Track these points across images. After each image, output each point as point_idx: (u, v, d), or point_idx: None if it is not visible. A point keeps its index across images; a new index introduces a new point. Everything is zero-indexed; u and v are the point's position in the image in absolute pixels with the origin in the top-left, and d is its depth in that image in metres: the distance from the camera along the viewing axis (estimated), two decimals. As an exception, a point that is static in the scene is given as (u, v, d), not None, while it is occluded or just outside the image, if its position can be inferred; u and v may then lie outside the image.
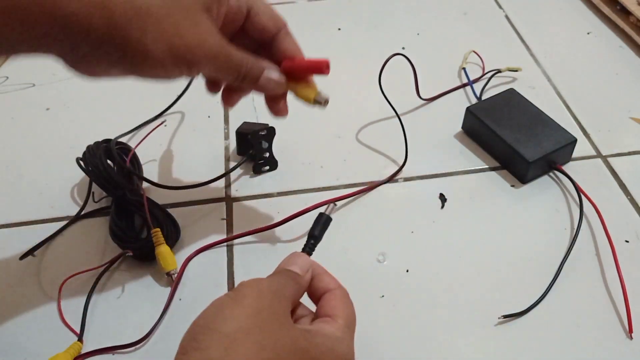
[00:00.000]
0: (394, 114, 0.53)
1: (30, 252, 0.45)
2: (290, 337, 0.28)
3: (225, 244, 0.46)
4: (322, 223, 0.37)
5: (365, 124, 0.57)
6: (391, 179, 0.51)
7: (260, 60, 0.37)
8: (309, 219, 0.38)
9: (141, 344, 0.40)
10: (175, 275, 0.43)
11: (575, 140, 0.50)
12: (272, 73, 0.38)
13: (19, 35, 0.29)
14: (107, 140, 0.49)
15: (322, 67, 0.38)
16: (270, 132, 0.51)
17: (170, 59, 0.32)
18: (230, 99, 0.42)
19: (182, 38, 0.32)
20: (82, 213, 0.48)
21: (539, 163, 0.49)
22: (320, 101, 0.39)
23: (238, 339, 0.26)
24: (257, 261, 0.45)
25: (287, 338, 0.28)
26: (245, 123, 0.53)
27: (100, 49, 0.30)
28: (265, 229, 0.46)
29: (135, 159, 0.51)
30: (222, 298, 0.29)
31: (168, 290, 0.43)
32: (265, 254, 0.45)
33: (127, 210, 0.46)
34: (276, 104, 0.41)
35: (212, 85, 0.41)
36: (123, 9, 0.30)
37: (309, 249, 0.36)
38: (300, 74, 0.39)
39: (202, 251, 0.45)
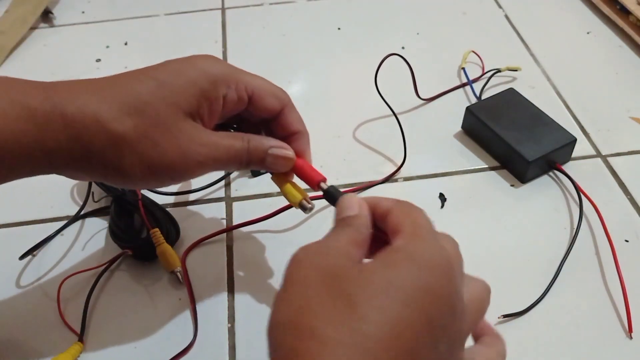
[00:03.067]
0: (402, 117, 0.53)
1: (30, 251, 0.45)
2: (352, 284, 0.24)
3: (224, 234, 0.46)
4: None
5: (365, 124, 0.57)
6: (389, 178, 0.51)
7: (262, 141, 0.36)
8: (304, 215, 0.38)
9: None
10: (180, 272, 0.43)
11: (575, 139, 0.50)
12: (278, 150, 0.36)
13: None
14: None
15: (313, 184, 0.37)
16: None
17: (153, 177, 0.32)
18: None
19: (161, 157, 0.32)
20: (82, 213, 0.48)
21: (539, 162, 0.49)
22: (305, 207, 0.37)
23: (317, 331, 0.22)
24: (256, 254, 0.45)
25: (351, 292, 0.23)
26: None
27: (83, 174, 0.33)
28: (262, 219, 0.46)
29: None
30: (278, 292, 0.26)
31: (168, 290, 0.43)
32: (265, 241, 0.45)
33: (127, 210, 0.46)
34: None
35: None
36: (98, 139, 0.30)
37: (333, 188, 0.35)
38: (294, 173, 0.38)
39: (198, 244, 0.46)
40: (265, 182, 0.51)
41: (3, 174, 0.31)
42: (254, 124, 0.38)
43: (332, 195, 0.35)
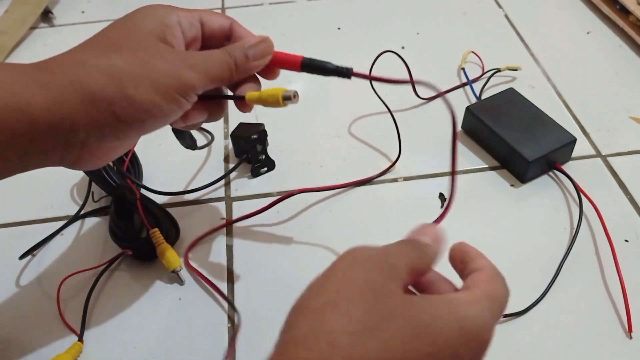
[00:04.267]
0: (399, 115, 0.53)
1: (30, 251, 0.45)
2: (389, 305, 0.24)
3: (224, 229, 0.46)
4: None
5: (365, 124, 0.57)
6: (384, 173, 0.51)
7: (237, 42, 0.37)
8: (301, 201, 0.38)
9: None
10: (181, 271, 0.43)
11: (575, 139, 0.50)
12: (254, 39, 0.37)
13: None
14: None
15: (297, 63, 0.37)
16: (262, 135, 0.51)
17: (159, 96, 0.32)
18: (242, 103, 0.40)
19: (157, 72, 0.32)
20: (82, 213, 0.48)
21: (539, 162, 0.49)
22: (289, 96, 0.36)
23: (324, 313, 0.24)
24: (257, 253, 0.45)
25: (384, 306, 0.24)
26: (240, 124, 0.53)
27: (94, 129, 0.31)
28: (260, 211, 0.46)
29: (134, 159, 0.51)
30: (318, 275, 0.27)
31: (168, 289, 0.43)
32: (264, 237, 0.45)
33: (127, 210, 0.46)
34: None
35: (240, 106, 0.39)
36: (96, 79, 0.31)
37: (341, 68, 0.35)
38: (273, 66, 0.38)
39: (198, 242, 0.46)
40: (264, 182, 0.51)
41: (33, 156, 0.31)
42: None
43: (318, 66, 0.35)
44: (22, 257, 0.45)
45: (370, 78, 0.37)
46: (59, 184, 0.51)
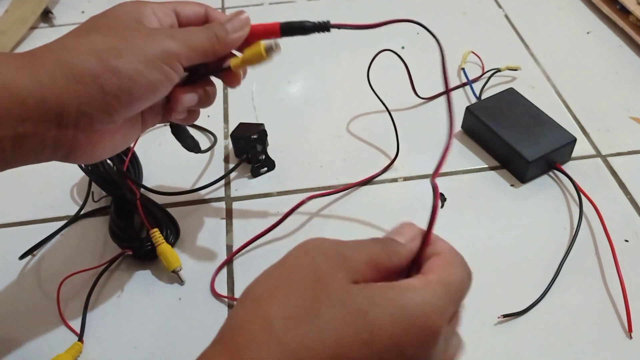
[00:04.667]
0: (396, 114, 0.53)
1: (30, 251, 0.45)
2: (328, 292, 0.24)
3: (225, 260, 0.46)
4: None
5: (365, 124, 0.57)
6: (384, 171, 0.51)
7: (211, 23, 0.37)
8: (305, 214, 0.38)
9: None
10: (181, 271, 0.43)
11: (575, 139, 0.50)
12: (232, 14, 0.37)
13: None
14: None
15: (275, 30, 0.37)
16: (262, 135, 0.51)
17: (142, 64, 0.32)
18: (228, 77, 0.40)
19: (140, 43, 0.33)
20: (82, 213, 0.48)
21: (539, 162, 0.49)
22: (271, 47, 0.36)
23: (262, 300, 0.24)
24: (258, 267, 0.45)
25: (323, 292, 0.24)
26: (240, 124, 0.53)
27: (82, 105, 0.31)
28: (265, 233, 0.46)
29: (134, 158, 0.51)
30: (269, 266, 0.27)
31: (169, 289, 0.43)
32: (266, 253, 0.45)
33: (127, 210, 0.46)
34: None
35: (228, 79, 0.39)
36: (78, 56, 0.31)
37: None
38: (252, 39, 0.38)
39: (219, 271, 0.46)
40: (265, 182, 0.51)
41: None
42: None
43: (297, 27, 0.36)
44: (22, 257, 0.45)
45: (349, 27, 0.37)
46: (59, 184, 0.51)
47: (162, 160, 0.53)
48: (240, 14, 0.37)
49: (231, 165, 0.52)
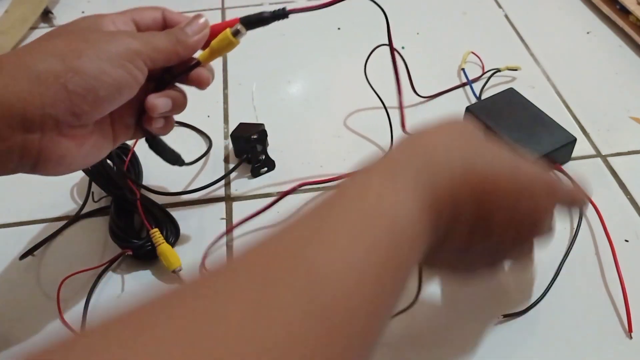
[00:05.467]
0: (395, 113, 0.53)
1: (30, 251, 0.45)
2: (478, 138, 0.31)
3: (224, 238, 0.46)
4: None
5: (366, 124, 0.57)
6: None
7: (173, 29, 0.37)
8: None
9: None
10: (181, 271, 0.43)
11: (575, 139, 0.50)
12: (187, 20, 0.38)
13: None
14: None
15: (234, 23, 0.38)
16: (262, 135, 0.51)
17: (106, 63, 0.33)
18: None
19: (103, 44, 0.33)
20: (82, 213, 0.48)
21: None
22: (238, 31, 0.37)
23: (425, 136, 0.30)
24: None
25: (474, 138, 0.31)
26: (240, 124, 0.53)
27: (47, 107, 0.31)
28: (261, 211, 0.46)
29: (134, 158, 0.51)
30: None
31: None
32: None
33: (127, 210, 0.46)
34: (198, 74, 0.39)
35: (197, 81, 0.39)
36: (41, 59, 0.32)
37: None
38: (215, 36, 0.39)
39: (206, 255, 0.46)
40: (265, 182, 0.51)
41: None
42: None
43: (256, 20, 0.37)
44: (22, 257, 0.45)
45: (305, 9, 0.40)
46: (59, 184, 0.51)
47: (162, 161, 0.53)
48: (199, 18, 0.38)
49: (231, 165, 0.52)
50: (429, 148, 0.29)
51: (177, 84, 0.39)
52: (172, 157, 0.44)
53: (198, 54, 0.38)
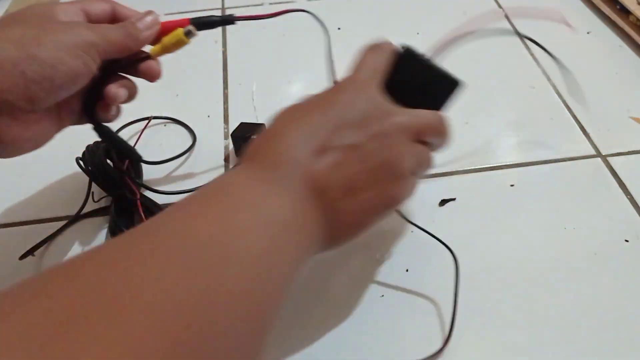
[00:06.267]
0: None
1: (30, 251, 0.45)
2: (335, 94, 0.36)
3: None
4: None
5: (365, 124, 0.56)
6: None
7: (125, 23, 0.39)
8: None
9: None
10: None
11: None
12: (138, 15, 0.39)
13: None
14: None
15: (184, 25, 0.40)
16: None
17: (62, 52, 0.34)
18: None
19: (60, 33, 0.34)
20: (82, 213, 0.48)
21: None
22: (190, 31, 0.39)
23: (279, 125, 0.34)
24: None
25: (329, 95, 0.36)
26: (241, 124, 0.53)
27: (4, 92, 0.32)
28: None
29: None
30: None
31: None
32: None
33: (127, 210, 0.46)
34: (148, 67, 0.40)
35: (147, 74, 0.40)
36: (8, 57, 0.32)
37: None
38: (161, 37, 0.40)
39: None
40: (265, 182, 0.51)
41: None
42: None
43: (205, 22, 0.40)
44: (22, 257, 0.45)
45: (251, 18, 0.42)
46: (59, 184, 0.51)
47: (162, 161, 0.53)
48: (150, 14, 0.39)
49: (231, 165, 0.52)
50: (279, 147, 0.32)
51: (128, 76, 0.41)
52: (125, 146, 0.45)
53: (148, 49, 0.40)
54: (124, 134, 0.55)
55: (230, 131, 0.53)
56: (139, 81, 0.41)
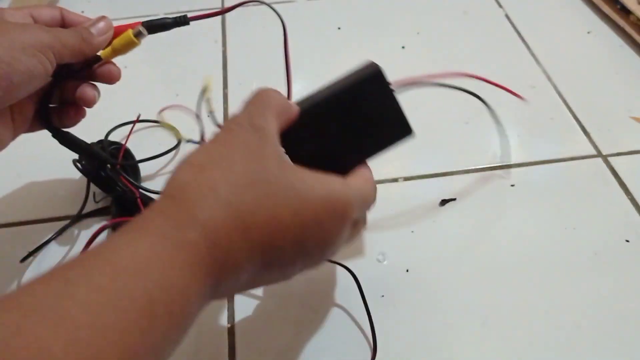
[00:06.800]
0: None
1: (32, 253, 0.45)
2: (265, 168, 0.28)
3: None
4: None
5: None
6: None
7: (79, 27, 0.39)
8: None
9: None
10: None
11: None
12: (91, 20, 0.39)
13: None
14: (102, 141, 0.49)
15: (136, 25, 0.39)
16: None
17: (18, 51, 0.33)
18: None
19: (15, 34, 0.34)
20: (82, 213, 0.48)
21: None
22: (139, 32, 0.39)
23: (206, 167, 0.28)
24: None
25: (261, 167, 0.28)
26: None
27: None
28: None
29: (129, 156, 0.50)
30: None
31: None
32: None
33: (128, 210, 0.46)
34: (107, 70, 0.41)
35: (108, 78, 0.40)
36: None
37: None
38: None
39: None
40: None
41: None
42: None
43: (158, 24, 0.39)
44: (23, 260, 0.45)
45: (205, 16, 0.41)
46: (59, 185, 0.51)
47: (162, 160, 0.53)
48: (103, 19, 0.39)
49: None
50: (211, 188, 0.27)
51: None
52: (92, 151, 0.45)
53: (100, 52, 0.40)
54: (124, 134, 0.55)
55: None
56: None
